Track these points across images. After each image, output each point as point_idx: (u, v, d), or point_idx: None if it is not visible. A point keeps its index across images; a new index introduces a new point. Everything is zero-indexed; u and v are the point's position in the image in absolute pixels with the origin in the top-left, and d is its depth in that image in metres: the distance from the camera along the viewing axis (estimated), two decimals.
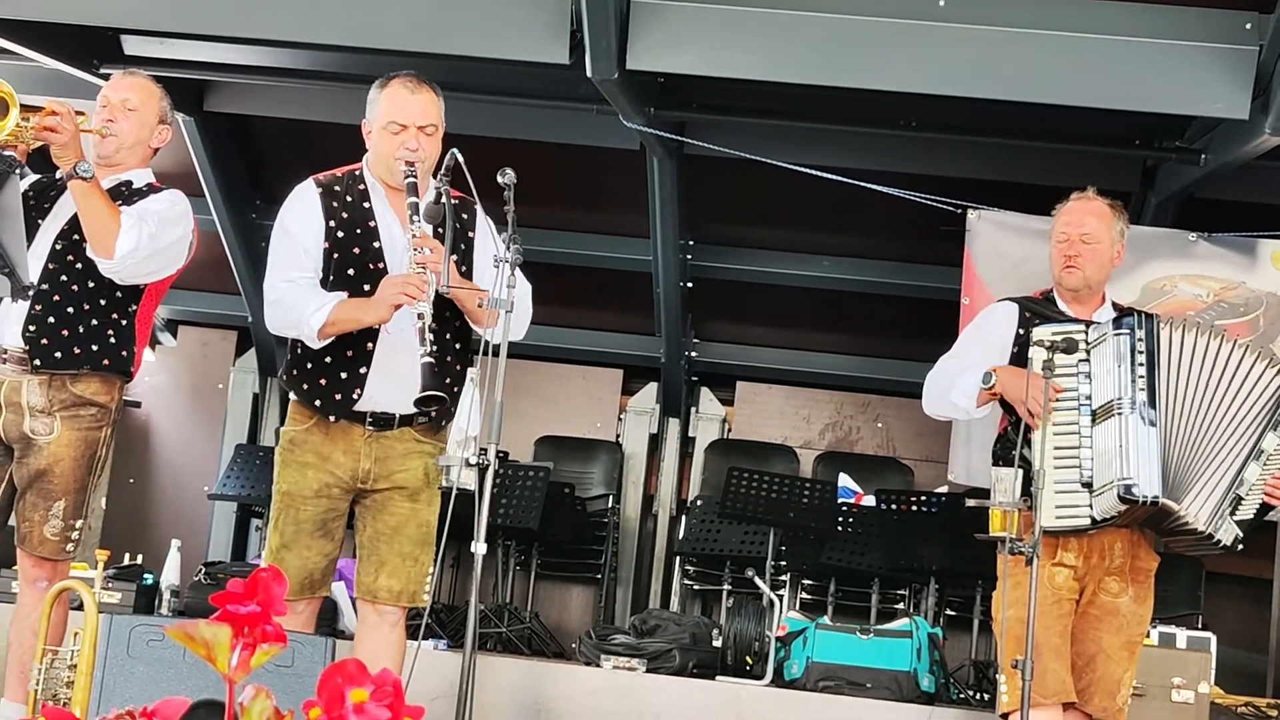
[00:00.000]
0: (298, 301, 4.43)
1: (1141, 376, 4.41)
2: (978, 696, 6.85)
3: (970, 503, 4.73)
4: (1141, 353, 4.42)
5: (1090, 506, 4.44)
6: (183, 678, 3.95)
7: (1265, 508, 4.53)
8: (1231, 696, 6.75)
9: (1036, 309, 4.75)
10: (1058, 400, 4.47)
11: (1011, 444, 4.59)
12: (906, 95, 6.88)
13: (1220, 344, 4.52)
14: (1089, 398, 4.47)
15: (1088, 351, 4.51)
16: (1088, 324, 4.60)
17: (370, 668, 1.61)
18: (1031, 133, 7.43)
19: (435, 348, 4.28)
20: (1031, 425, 4.47)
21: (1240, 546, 4.51)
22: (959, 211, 7.40)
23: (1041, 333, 4.56)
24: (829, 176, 7.48)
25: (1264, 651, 8.47)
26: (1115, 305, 4.86)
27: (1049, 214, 7.28)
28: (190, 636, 1.55)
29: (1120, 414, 4.40)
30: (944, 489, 7.61)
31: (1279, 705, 6.70)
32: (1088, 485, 4.43)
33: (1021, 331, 4.71)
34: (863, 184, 7.49)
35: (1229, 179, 7.35)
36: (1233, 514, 4.44)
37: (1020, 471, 4.49)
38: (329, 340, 4.45)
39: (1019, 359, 4.62)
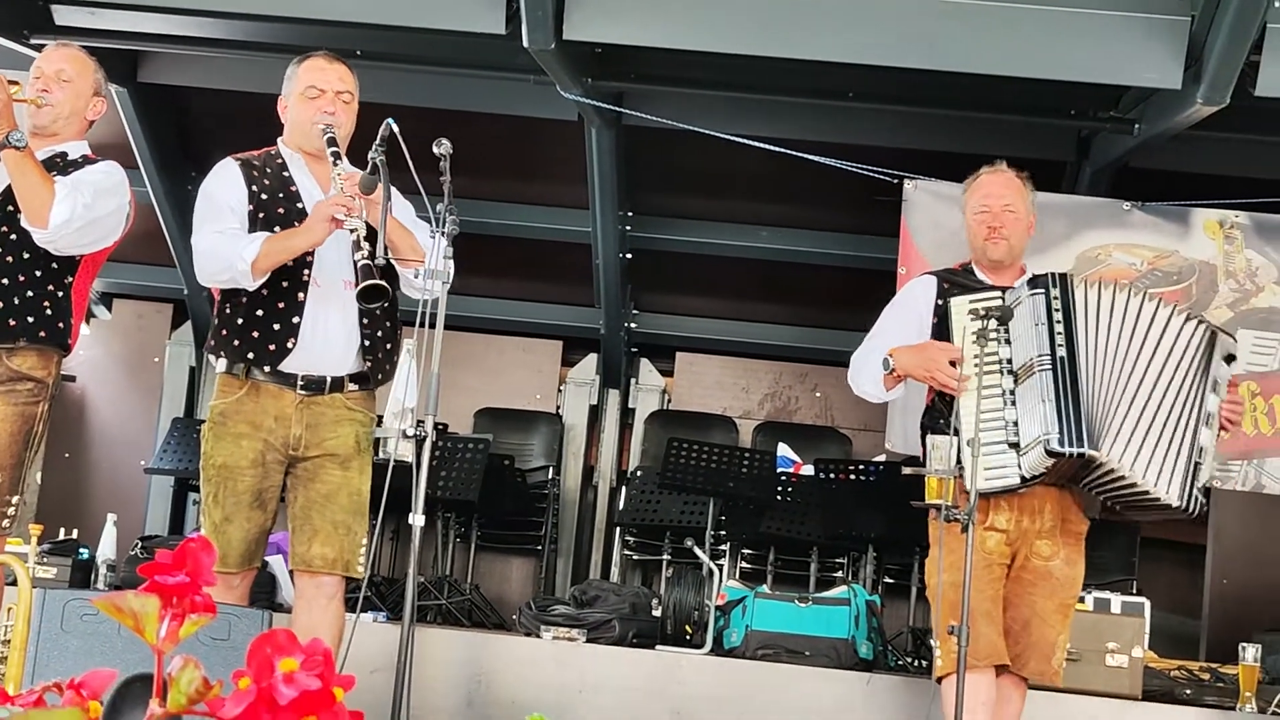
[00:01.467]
0: (228, 244, 4.44)
1: (1060, 334, 4.46)
2: (915, 663, 6.90)
3: (906, 470, 4.75)
4: (1058, 310, 4.47)
5: (1019, 466, 4.49)
6: (117, 652, 3.93)
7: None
8: (1165, 660, 6.83)
9: (955, 280, 4.79)
10: (978, 365, 4.51)
11: (939, 414, 4.63)
12: (844, 66, 6.89)
13: (1132, 297, 4.57)
14: (1009, 360, 4.52)
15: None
16: (1004, 290, 4.64)
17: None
18: (967, 103, 7.45)
19: (370, 256, 4.27)
20: (950, 392, 4.51)
21: (1205, 507, 4.56)
22: (896, 182, 7.43)
23: (960, 302, 4.60)
24: (767, 147, 7.48)
25: (1197, 616, 8.58)
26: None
27: None
28: (118, 608, 1.54)
29: (1041, 371, 4.44)
30: (882, 457, 7.65)
31: (1211, 669, 6.78)
32: (1014, 445, 4.48)
33: (940, 303, 4.75)
34: (800, 154, 7.50)
35: (1162, 148, 7.40)
36: (1196, 481, 4.49)
37: (955, 439, 4.52)
38: (263, 279, 4.43)
39: (939, 330, 4.64)
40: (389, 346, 4.60)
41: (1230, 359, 4.57)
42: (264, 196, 4.56)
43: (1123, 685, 5.93)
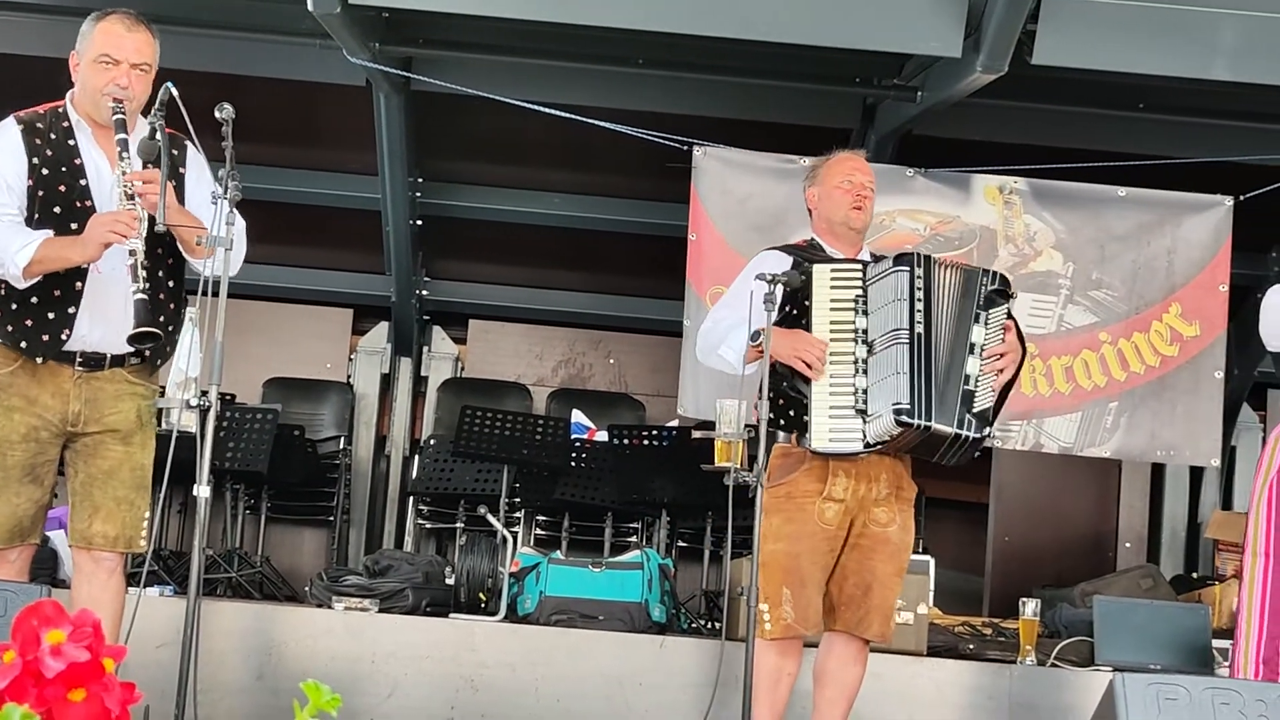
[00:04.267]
0: (4, 236, 4.27)
1: (920, 311, 4.55)
2: (708, 625, 6.98)
3: (697, 435, 4.80)
4: (920, 289, 4.56)
5: (863, 433, 4.57)
6: None
7: (1003, 394, 4.69)
8: (949, 616, 7.00)
9: (805, 255, 4.84)
10: (837, 330, 4.58)
11: (783, 376, 4.67)
12: (634, 32, 6.92)
13: (962, 275, 4.67)
14: (865, 330, 4.59)
15: (865, 287, 4.63)
16: (864, 263, 4.73)
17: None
18: (755, 70, 7.52)
19: (148, 284, 4.18)
20: (812, 378, 4.56)
21: (989, 434, 4.66)
22: (685, 149, 7.47)
23: (822, 269, 4.66)
24: (557, 113, 7.47)
25: (980, 573, 8.82)
26: (873, 255, 4.98)
27: (774, 151, 7.49)
28: None
29: (896, 345, 4.53)
30: (675, 423, 7.70)
31: (994, 623, 6.97)
32: (861, 412, 4.55)
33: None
34: (591, 121, 7.50)
35: (944, 116, 7.55)
36: (969, 408, 4.59)
37: (743, 402, 4.57)
38: (36, 280, 4.30)
39: (790, 300, 4.66)
40: (171, 330, 4.49)
41: (1000, 296, 4.67)
42: (45, 171, 4.37)
43: (908, 642, 6.06)
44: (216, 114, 4.22)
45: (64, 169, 4.41)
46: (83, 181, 4.41)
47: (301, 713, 1.59)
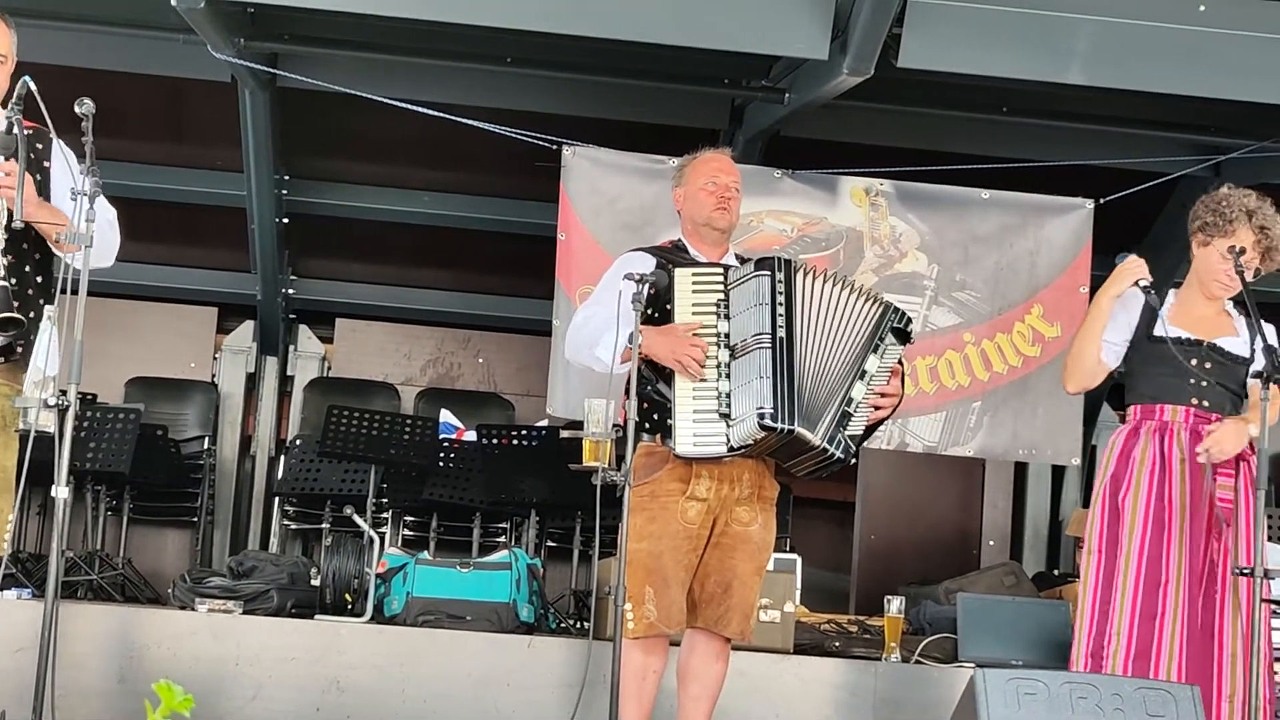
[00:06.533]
0: None
1: (781, 315, 4.56)
2: (577, 625, 6.98)
3: (565, 434, 4.79)
4: (781, 293, 4.58)
5: (728, 436, 4.58)
6: None
7: (872, 427, 4.75)
8: (816, 614, 7.06)
9: (670, 257, 4.85)
10: (699, 335, 4.59)
11: (648, 380, 4.68)
12: (504, 31, 6.90)
13: (840, 289, 4.71)
14: (728, 335, 4.60)
15: (726, 292, 4.64)
16: (726, 267, 4.74)
17: None
18: (625, 70, 7.54)
19: (14, 279, 4.10)
20: (687, 377, 4.57)
21: (854, 459, 4.72)
22: (555, 148, 7.46)
23: (684, 273, 4.67)
24: (425, 111, 7.44)
25: (847, 571, 8.91)
26: (738, 256, 5.01)
27: (643, 150, 7.51)
28: None
29: (759, 350, 4.54)
30: (544, 422, 7.69)
31: (859, 621, 7.04)
32: (725, 416, 4.56)
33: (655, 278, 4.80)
34: (460, 119, 7.48)
35: (812, 117, 7.62)
36: (844, 429, 4.63)
37: (611, 402, 4.57)
38: None
39: (653, 303, 4.66)
40: (31, 313, 4.41)
41: (903, 336, 4.73)
42: None
43: (775, 640, 6.10)
44: (77, 109, 4.17)
45: None
46: None
47: (154, 713, 1.56)
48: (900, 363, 4.76)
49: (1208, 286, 4.99)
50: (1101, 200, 7.69)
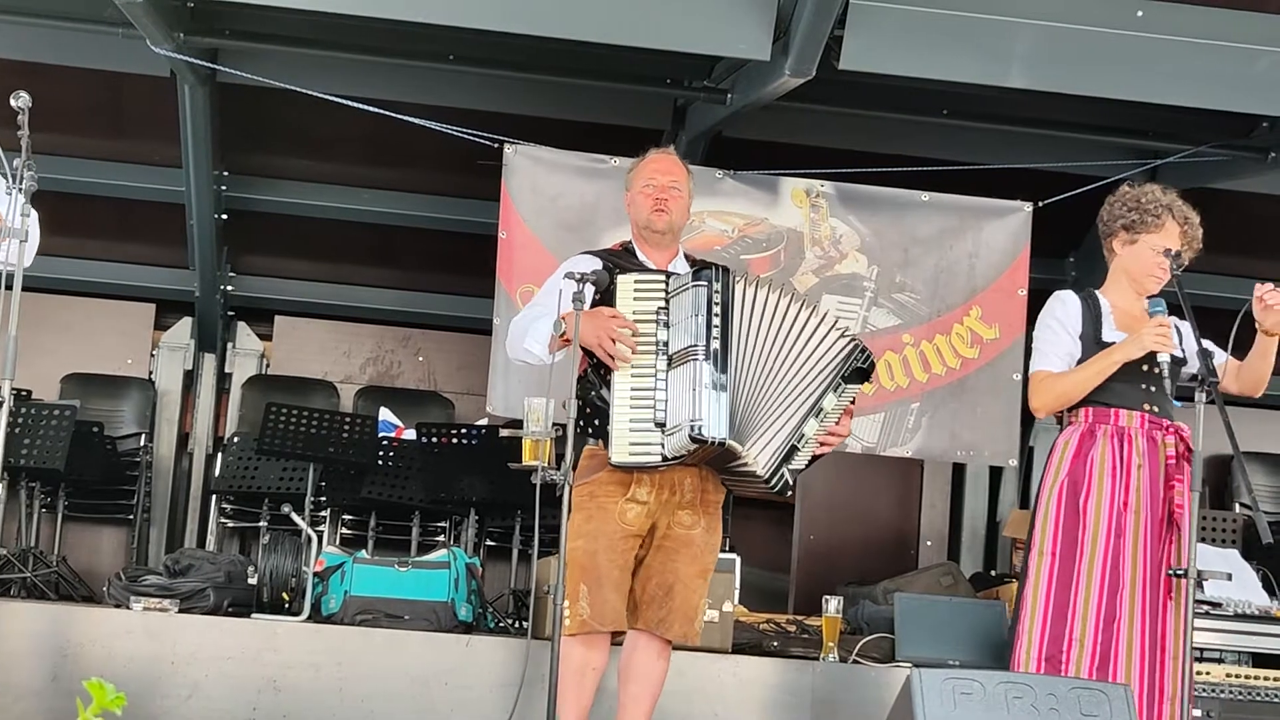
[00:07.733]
0: None
1: (716, 326, 4.56)
2: (515, 624, 6.97)
3: (504, 433, 4.79)
4: (717, 304, 4.57)
5: (662, 445, 4.58)
6: None
7: (815, 458, 4.76)
8: (755, 614, 7.08)
9: (617, 260, 4.85)
10: (638, 342, 4.59)
11: (591, 385, 4.68)
12: (446, 29, 6.89)
13: (788, 301, 4.71)
14: (666, 344, 4.60)
15: (667, 300, 4.64)
16: (668, 274, 4.74)
17: None
18: (567, 69, 7.53)
19: None
20: (613, 367, 4.57)
21: (790, 492, 4.73)
22: (496, 146, 7.45)
23: (626, 280, 4.66)
24: (365, 108, 7.41)
25: (786, 571, 8.93)
26: (688, 257, 5.01)
27: (586, 150, 7.51)
28: None
29: (695, 360, 4.53)
30: (484, 421, 7.68)
31: (798, 620, 7.06)
32: (660, 425, 4.56)
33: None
34: (402, 117, 7.46)
35: (754, 118, 7.64)
36: (787, 463, 4.65)
37: (550, 402, 4.56)
38: None
39: (604, 305, 4.66)
40: None
41: (864, 376, 4.74)
42: None
43: (713, 639, 6.11)
44: (12, 102, 4.14)
45: None
46: None
47: (85, 711, 1.54)
48: (852, 401, 4.79)
49: (1142, 283, 4.97)
50: (1040, 203, 7.74)
